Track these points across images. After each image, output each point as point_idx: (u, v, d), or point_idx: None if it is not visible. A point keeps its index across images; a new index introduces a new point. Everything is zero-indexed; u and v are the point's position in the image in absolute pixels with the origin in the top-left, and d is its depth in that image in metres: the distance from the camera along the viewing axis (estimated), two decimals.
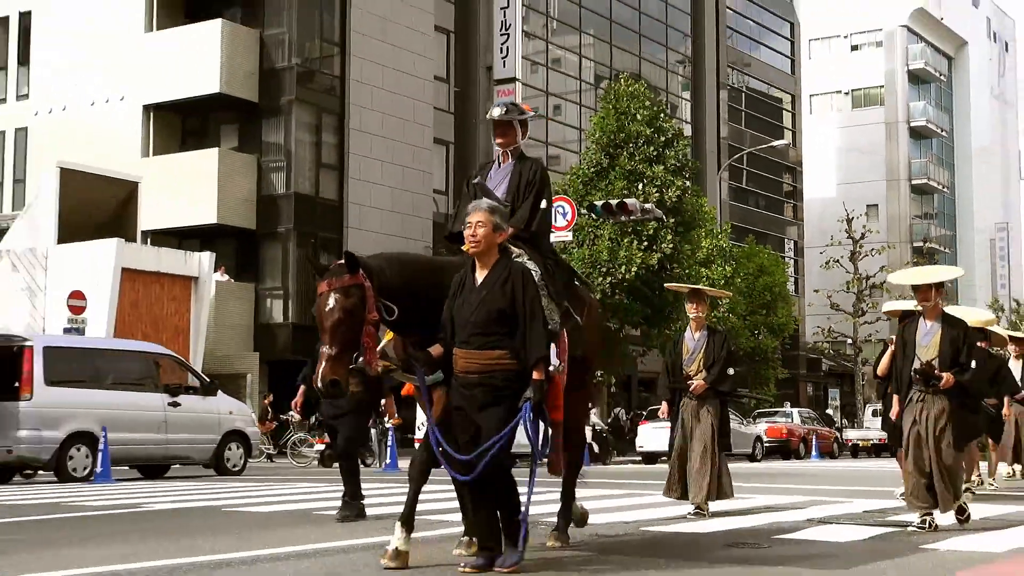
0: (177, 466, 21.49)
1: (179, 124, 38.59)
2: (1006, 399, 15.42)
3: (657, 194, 35.94)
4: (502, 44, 43.59)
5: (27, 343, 18.57)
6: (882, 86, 75.56)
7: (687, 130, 50.94)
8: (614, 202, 28.87)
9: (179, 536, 8.98)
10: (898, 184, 74.35)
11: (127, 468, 20.82)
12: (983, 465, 16.55)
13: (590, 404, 9.85)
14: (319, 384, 6.70)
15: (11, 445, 17.88)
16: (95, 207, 32.41)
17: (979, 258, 78.13)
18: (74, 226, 31.52)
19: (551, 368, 7.02)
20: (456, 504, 7.93)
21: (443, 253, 9.02)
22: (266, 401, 33.02)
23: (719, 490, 10.86)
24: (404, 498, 7.18)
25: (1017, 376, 16.31)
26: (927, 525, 9.19)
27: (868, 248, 53.29)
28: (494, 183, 8.05)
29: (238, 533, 9.20)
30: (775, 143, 55.26)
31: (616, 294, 35.98)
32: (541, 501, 12.74)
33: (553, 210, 30.58)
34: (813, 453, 37.49)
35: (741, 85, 59.78)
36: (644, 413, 37.41)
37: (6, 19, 40.92)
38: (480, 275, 6.85)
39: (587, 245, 35.94)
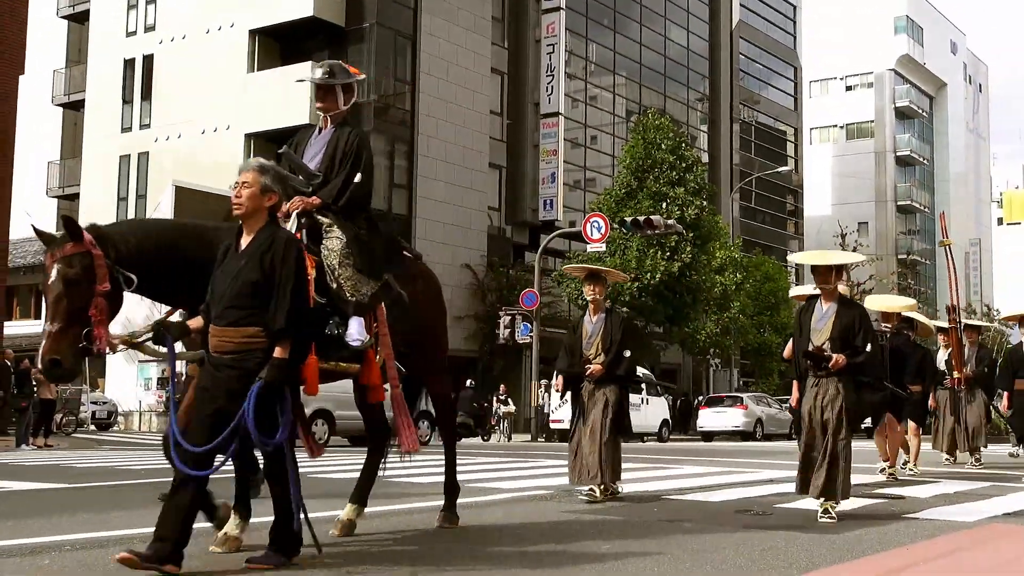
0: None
1: (274, 150, 38.67)
2: (932, 389, 14.12)
3: (679, 212, 35.85)
4: (548, 84, 43.56)
5: None
6: (872, 121, 75.04)
7: (704, 158, 50.75)
8: (642, 218, 28.85)
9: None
10: (885, 205, 73.79)
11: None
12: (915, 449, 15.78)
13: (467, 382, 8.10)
14: (39, 364, 5.16)
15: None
16: (204, 219, 32.71)
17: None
18: None
19: (357, 341, 5.93)
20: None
21: (494, 262, 8.62)
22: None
23: (612, 474, 9.14)
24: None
25: (942, 365, 15.29)
26: (835, 514, 7.69)
27: (860, 262, 52.77)
28: (312, 152, 6.71)
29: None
30: (779, 169, 54.97)
31: (643, 297, 35.93)
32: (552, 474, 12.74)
33: (591, 224, 30.68)
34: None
35: (751, 119, 59.39)
36: (703, 399, 38.00)
37: (132, 61, 41.38)
38: (245, 243, 5.27)
39: (618, 255, 35.88)
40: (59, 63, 45.93)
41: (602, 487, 9.04)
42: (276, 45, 38.77)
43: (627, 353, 9.31)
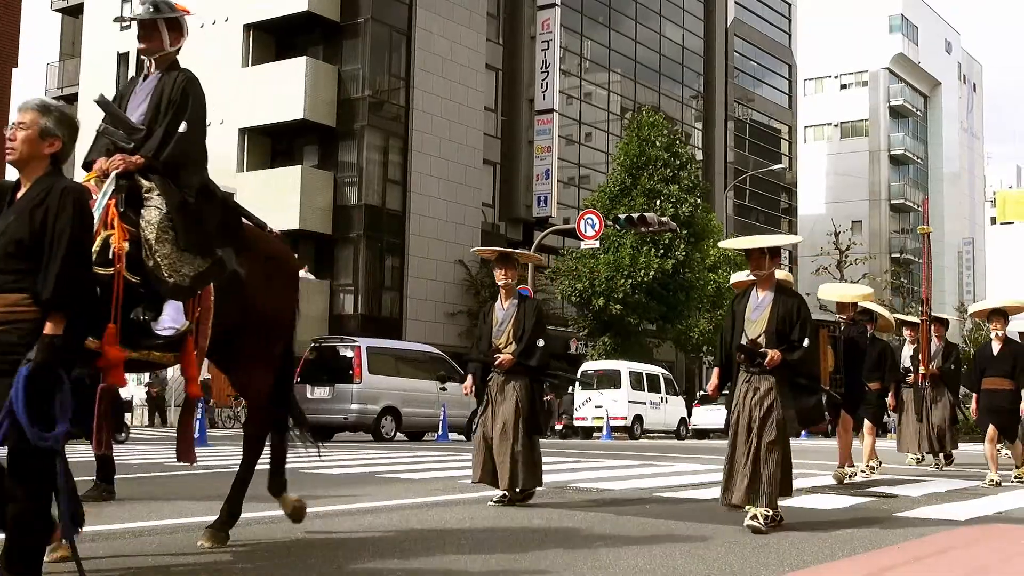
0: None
1: (269, 145, 38.80)
2: (892, 386, 13.11)
3: (672, 209, 35.86)
4: (542, 80, 43.55)
5: (356, 343, 22.50)
6: (867, 119, 75.09)
7: (699, 155, 50.75)
8: (635, 216, 28.81)
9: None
10: (879, 203, 73.84)
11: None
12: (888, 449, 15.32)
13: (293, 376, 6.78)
14: None
15: (347, 415, 21.73)
16: None
17: (948, 268, 77.49)
18: None
19: (168, 330, 5.13)
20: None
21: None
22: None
23: (529, 478, 8.30)
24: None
25: (907, 362, 14.59)
26: (763, 521, 6.85)
27: (852, 258, 53.00)
28: (136, 102, 5.77)
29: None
30: (774, 167, 55.02)
31: (636, 294, 35.94)
32: (576, 468, 12.73)
33: (584, 221, 30.69)
34: (803, 432, 37.23)
35: (745, 117, 59.42)
36: (698, 396, 38.00)
37: (126, 55, 41.31)
38: (20, 195, 4.33)
39: (612, 252, 35.90)
40: (53, 56, 45.81)
41: (517, 491, 8.28)
42: (271, 40, 38.72)
43: (540, 343, 8.44)
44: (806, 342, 7.10)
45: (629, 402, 30.39)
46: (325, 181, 37.02)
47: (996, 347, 11.61)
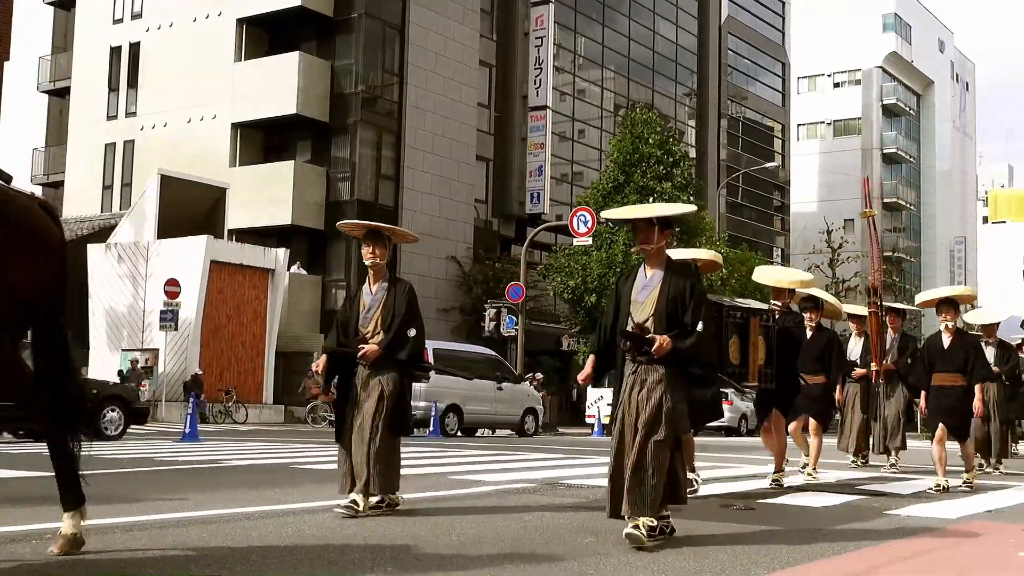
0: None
1: (261, 140, 38.75)
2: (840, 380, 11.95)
3: None
4: (536, 77, 43.54)
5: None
6: (859, 118, 75.18)
7: (692, 153, 50.81)
8: None
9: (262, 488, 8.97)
10: (872, 202, 73.95)
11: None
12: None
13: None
14: None
15: (415, 411, 22.04)
16: (190, 208, 32.63)
17: (940, 266, 77.76)
18: (172, 224, 31.75)
19: None
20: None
21: (480, 254, 8.09)
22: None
23: (383, 482, 7.20)
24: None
25: (856, 355, 13.63)
26: (646, 531, 5.87)
27: (844, 256, 53.10)
28: None
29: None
30: (767, 165, 55.12)
31: None
32: (553, 466, 12.72)
33: (577, 218, 30.74)
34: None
35: (739, 115, 59.47)
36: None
37: (119, 48, 41.19)
38: None
39: (605, 249, 35.91)
40: (45, 50, 45.67)
41: (370, 498, 7.17)
42: (264, 34, 38.67)
43: (412, 332, 7.39)
44: (700, 326, 6.09)
45: None
46: (318, 176, 36.98)
47: (946, 340, 10.42)
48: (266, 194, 35.68)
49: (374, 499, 7.25)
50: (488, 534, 6.34)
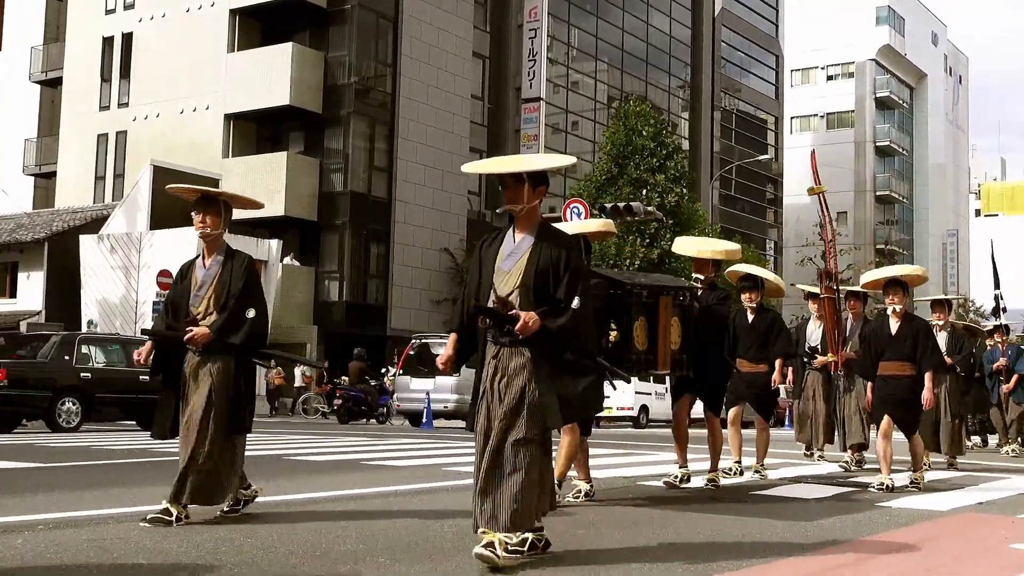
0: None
1: (254, 131, 38.66)
2: (779, 362, 10.55)
3: (658, 199, 35.92)
4: (529, 68, 43.51)
5: None
6: (853, 111, 75.29)
7: (685, 145, 50.79)
8: (622, 205, 28.82)
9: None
10: (864, 195, 74.10)
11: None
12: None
13: None
14: None
15: (446, 403, 24.15)
16: (182, 199, 32.52)
17: (932, 259, 77.91)
18: (164, 215, 31.70)
19: None
20: None
21: (474, 245, 7.60)
22: (324, 367, 33.15)
23: (209, 488, 6.14)
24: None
25: (817, 339, 12.29)
26: (500, 550, 4.83)
27: (837, 249, 53.04)
28: None
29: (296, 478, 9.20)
30: (760, 158, 55.15)
31: None
32: None
33: (570, 210, 30.77)
34: (786, 423, 37.42)
35: (732, 108, 59.48)
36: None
37: (111, 39, 41.05)
38: None
39: (596, 242, 35.94)
40: (37, 40, 45.51)
41: (185, 507, 6.10)
42: (257, 25, 38.56)
43: (251, 313, 6.35)
44: (576, 303, 5.01)
45: (635, 392, 30.43)
46: (311, 168, 36.92)
47: (894, 325, 9.37)
48: (259, 185, 35.58)
49: (224, 506, 6.34)
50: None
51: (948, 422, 12.81)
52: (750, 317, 10.38)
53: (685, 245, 9.95)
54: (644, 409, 31.09)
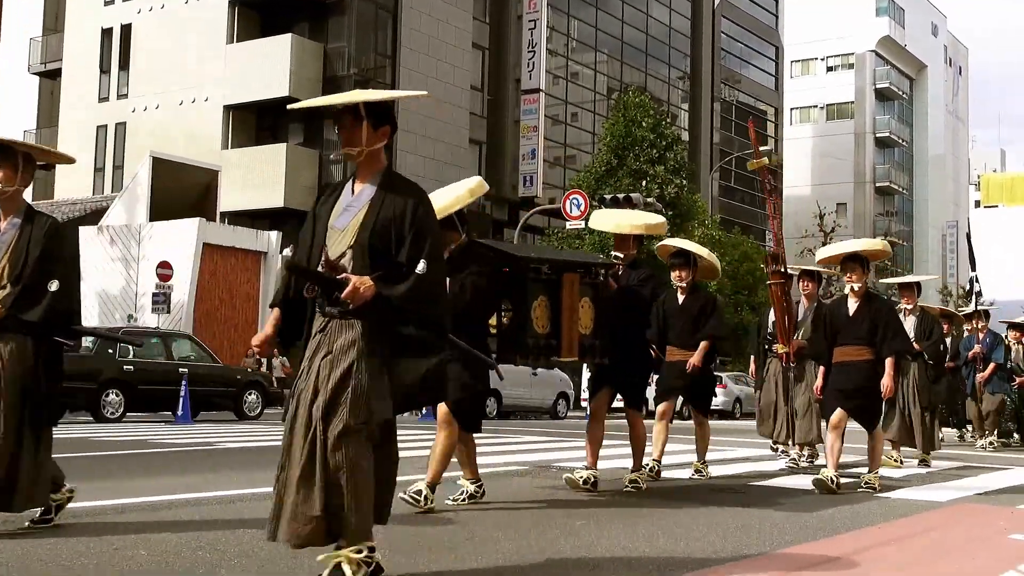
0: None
1: (253, 122, 38.61)
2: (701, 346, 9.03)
3: (658, 190, 35.91)
4: (529, 60, 43.44)
5: None
6: (852, 102, 75.24)
7: (685, 136, 50.76)
8: (621, 196, 28.80)
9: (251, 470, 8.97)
10: (864, 186, 74.07)
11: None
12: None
13: None
14: None
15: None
16: (182, 191, 32.53)
17: (932, 251, 77.99)
18: (164, 206, 31.66)
19: None
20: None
21: (474, 237, 7.39)
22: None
23: (21, 490, 5.15)
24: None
25: (801, 331, 10.47)
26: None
27: (837, 239, 53.11)
28: None
29: None
30: (760, 148, 55.04)
31: None
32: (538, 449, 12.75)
33: (570, 201, 30.77)
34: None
35: (732, 99, 59.41)
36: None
37: (110, 30, 40.99)
38: None
39: (597, 232, 35.88)
40: (36, 31, 45.45)
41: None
42: (256, 16, 38.49)
43: (54, 286, 5.27)
44: (422, 267, 4.09)
45: None
46: (310, 159, 36.88)
47: (852, 305, 8.38)
48: (258, 177, 35.58)
49: (36, 512, 5.44)
50: (478, 516, 6.35)
51: (918, 414, 11.61)
52: (680, 298, 9.06)
53: (602, 219, 8.85)
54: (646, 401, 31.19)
